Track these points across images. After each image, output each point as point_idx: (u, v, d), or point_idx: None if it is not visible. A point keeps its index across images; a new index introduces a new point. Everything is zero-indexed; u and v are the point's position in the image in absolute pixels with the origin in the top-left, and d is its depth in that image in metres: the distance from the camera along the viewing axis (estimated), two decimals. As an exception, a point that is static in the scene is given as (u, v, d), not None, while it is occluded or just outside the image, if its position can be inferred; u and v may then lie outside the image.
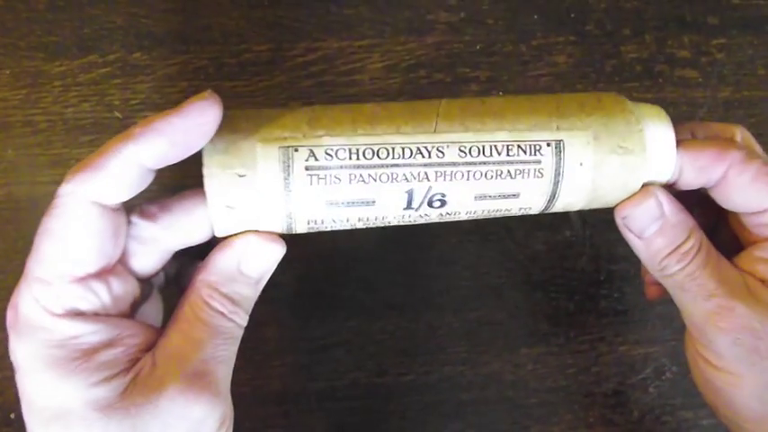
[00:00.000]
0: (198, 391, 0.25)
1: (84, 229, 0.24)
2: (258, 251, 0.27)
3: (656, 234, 0.28)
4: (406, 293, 0.40)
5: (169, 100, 0.40)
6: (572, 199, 0.27)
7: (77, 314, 0.25)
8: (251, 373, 0.40)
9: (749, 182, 0.28)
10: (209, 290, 0.27)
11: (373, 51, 0.41)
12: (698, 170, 0.28)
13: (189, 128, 0.24)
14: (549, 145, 0.26)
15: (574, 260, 0.41)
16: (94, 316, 0.25)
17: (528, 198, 0.27)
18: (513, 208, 0.27)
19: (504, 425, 0.40)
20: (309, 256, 0.40)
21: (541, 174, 0.26)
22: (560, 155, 0.26)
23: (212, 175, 0.25)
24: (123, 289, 0.26)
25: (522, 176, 0.26)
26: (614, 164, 0.27)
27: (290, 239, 0.37)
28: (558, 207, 0.28)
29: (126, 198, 0.25)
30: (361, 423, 0.40)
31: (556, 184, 0.26)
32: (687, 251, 0.28)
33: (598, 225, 0.41)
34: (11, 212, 0.39)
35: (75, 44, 0.40)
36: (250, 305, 0.28)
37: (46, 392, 0.25)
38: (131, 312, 0.28)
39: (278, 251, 0.28)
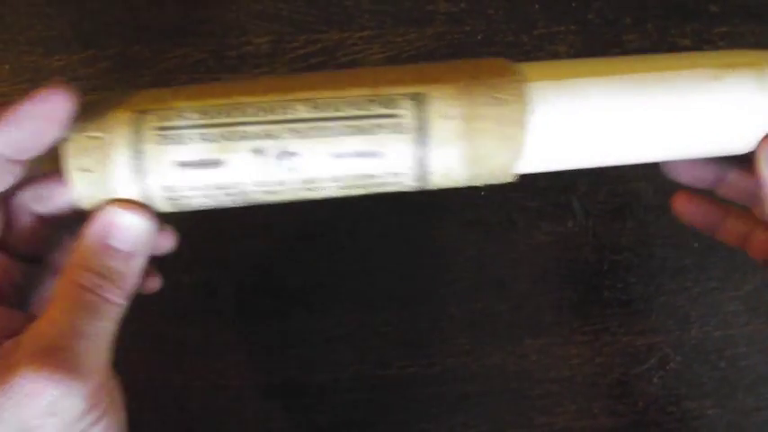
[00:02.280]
0: (51, 369, 0.24)
1: None
2: (121, 222, 0.26)
3: None
4: (408, 285, 0.40)
5: (169, 93, 0.40)
6: (447, 160, 0.25)
7: None
8: (254, 366, 0.40)
9: None
10: (76, 266, 0.26)
11: (374, 42, 0.40)
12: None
13: (37, 115, 0.24)
14: (409, 98, 0.24)
15: (577, 251, 0.41)
16: None
17: (393, 159, 0.25)
18: (381, 173, 0.25)
19: (508, 416, 0.40)
20: (312, 248, 0.40)
21: (402, 128, 0.24)
22: (422, 107, 0.24)
23: (68, 138, 0.25)
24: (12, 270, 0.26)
25: (380, 132, 0.24)
26: (489, 116, 0.24)
27: (295, 233, 0.37)
28: (437, 173, 0.25)
29: None
30: (364, 416, 0.40)
31: (421, 140, 0.24)
32: None
33: (601, 215, 0.41)
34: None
35: (74, 38, 0.40)
36: (126, 281, 0.27)
37: None
38: (16, 300, 0.27)
39: (140, 221, 0.26)
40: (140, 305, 0.40)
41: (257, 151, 0.25)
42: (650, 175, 0.41)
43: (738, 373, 0.41)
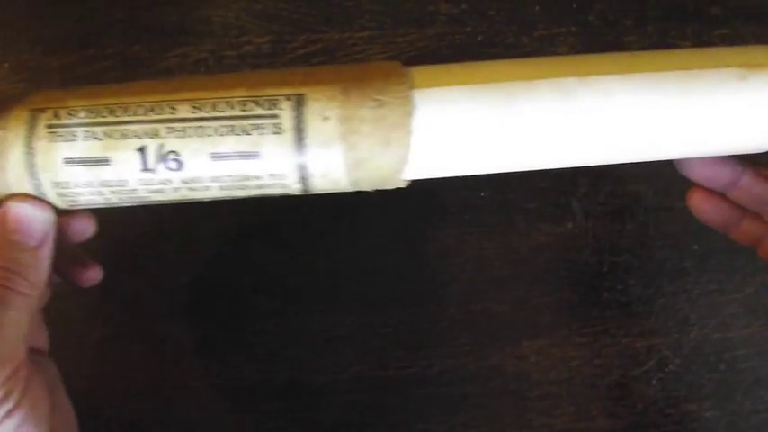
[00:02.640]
0: None
1: None
2: (21, 215, 0.27)
3: None
4: (407, 286, 0.40)
5: (169, 93, 0.40)
6: (326, 163, 0.25)
7: None
8: (253, 367, 0.40)
9: None
10: None
11: (374, 43, 0.40)
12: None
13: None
14: (288, 98, 0.24)
15: (576, 252, 0.41)
16: None
17: (272, 161, 0.25)
18: (261, 174, 0.25)
19: (507, 417, 0.40)
20: (311, 248, 0.40)
21: (280, 129, 0.24)
22: (301, 109, 0.24)
23: None
24: None
25: (259, 132, 0.24)
26: (368, 118, 0.24)
27: (294, 233, 0.37)
28: (317, 176, 0.25)
29: None
30: (363, 417, 0.40)
31: (299, 142, 0.24)
32: None
33: (601, 217, 0.41)
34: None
35: (74, 37, 0.40)
36: (35, 273, 0.27)
37: None
38: None
39: (39, 213, 0.27)
40: (139, 305, 0.40)
41: (140, 150, 0.25)
42: (650, 176, 0.41)
43: (737, 375, 0.41)
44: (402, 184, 0.26)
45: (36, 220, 0.27)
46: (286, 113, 0.24)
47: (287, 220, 0.40)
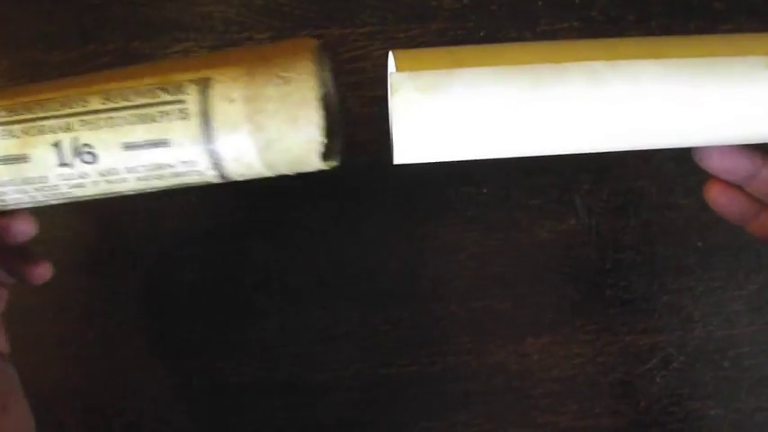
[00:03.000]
0: None
1: None
2: None
3: None
4: (409, 283, 0.40)
5: (169, 89, 0.39)
6: (236, 146, 0.24)
7: None
8: (254, 365, 0.39)
9: None
10: None
11: (375, 39, 0.40)
12: None
13: None
14: (193, 82, 0.24)
15: (579, 249, 0.40)
16: None
17: (182, 147, 0.24)
18: (174, 162, 0.24)
19: (510, 415, 0.40)
20: (312, 246, 0.40)
21: (186, 114, 0.23)
22: (206, 92, 0.23)
23: None
24: None
25: (167, 119, 0.24)
26: (273, 96, 0.23)
27: (295, 231, 0.36)
28: (229, 160, 0.24)
29: None
30: (364, 414, 0.39)
31: (206, 125, 0.23)
32: None
33: (604, 213, 0.40)
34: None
35: (74, 33, 0.40)
36: None
37: None
38: None
39: None
40: (139, 304, 0.40)
41: (55, 145, 0.25)
42: (654, 173, 0.40)
43: (742, 373, 0.41)
44: (323, 166, 0.25)
45: None
46: (192, 98, 0.24)
47: (287, 219, 0.40)
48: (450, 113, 0.25)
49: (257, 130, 0.24)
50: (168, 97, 0.24)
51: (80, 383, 0.39)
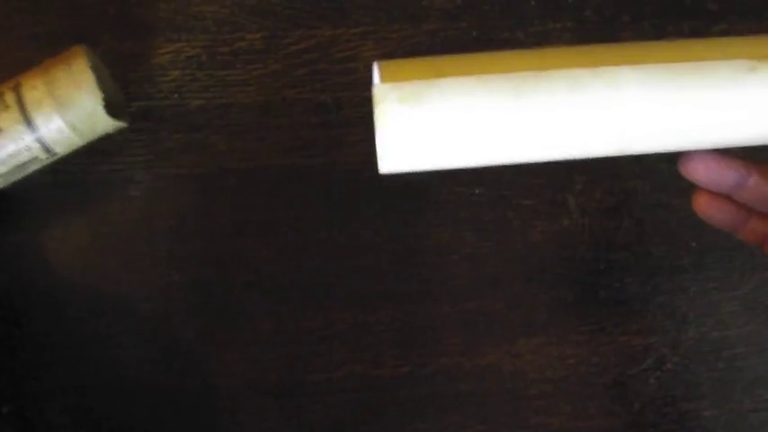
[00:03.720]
0: None
1: None
2: None
3: None
4: (402, 284, 0.40)
5: (160, 90, 0.39)
6: (46, 115, 0.34)
7: None
8: (246, 366, 0.39)
9: None
10: None
11: (368, 39, 0.40)
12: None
13: None
14: (9, 88, 0.34)
15: (572, 249, 0.40)
16: None
17: (9, 130, 0.33)
18: (8, 144, 0.34)
19: (503, 416, 0.40)
20: (305, 247, 0.40)
21: (7, 106, 0.33)
22: (18, 89, 0.34)
23: None
24: None
25: None
26: (62, 77, 0.34)
27: (287, 231, 0.36)
28: (43, 127, 0.34)
29: None
30: (357, 415, 0.39)
31: (23, 110, 0.33)
32: None
33: (597, 214, 0.40)
34: (2, 204, 0.39)
35: (66, 33, 0.40)
36: None
37: None
38: None
39: None
40: (132, 304, 0.40)
41: None
42: (647, 173, 0.40)
43: (736, 373, 0.41)
44: (114, 123, 0.35)
45: None
46: (9, 95, 0.33)
47: (280, 219, 0.40)
48: (434, 123, 0.25)
49: (56, 99, 0.34)
50: None
51: (73, 383, 0.39)
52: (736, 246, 0.40)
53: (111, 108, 0.35)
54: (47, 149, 0.35)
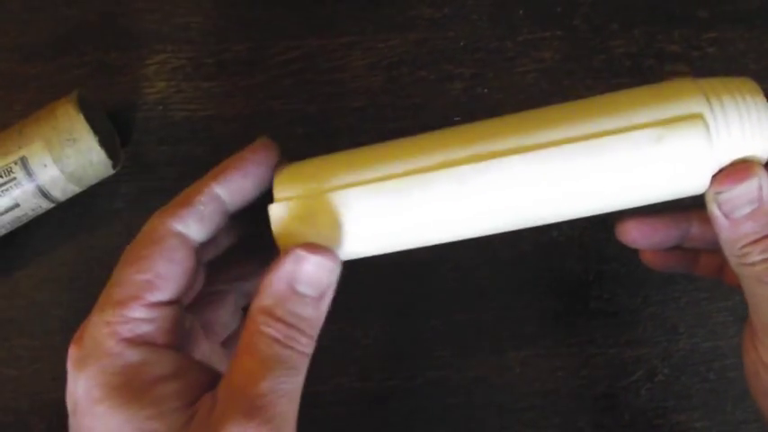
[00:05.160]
0: (255, 428, 0.23)
1: (167, 256, 0.26)
2: (308, 266, 0.26)
3: (746, 217, 0.26)
4: (389, 296, 0.39)
5: (146, 101, 0.39)
6: (61, 188, 0.36)
7: (145, 341, 0.25)
8: (233, 379, 0.39)
9: None
10: (263, 315, 0.25)
11: (354, 49, 0.40)
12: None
13: (258, 160, 0.28)
14: (16, 163, 0.34)
15: (562, 260, 0.40)
16: (160, 346, 0.26)
17: (28, 203, 0.35)
18: (28, 212, 0.36)
19: (492, 430, 0.39)
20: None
21: (21, 184, 0.35)
22: (27, 166, 0.34)
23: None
24: (190, 323, 0.28)
25: (10, 191, 0.35)
26: (70, 153, 0.35)
27: (273, 245, 0.36)
28: (59, 196, 0.36)
29: (206, 235, 0.27)
30: (344, 429, 0.39)
31: (37, 186, 0.35)
32: None
33: (586, 225, 0.40)
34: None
35: (50, 45, 0.39)
36: (313, 328, 0.26)
37: (102, 424, 0.24)
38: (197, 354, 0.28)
39: (327, 263, 0.26)
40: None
41: None
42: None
43: (727, 385, 0.40)
44: (110, 173, 0.37)
45: (324, 270, 0.26)
46: (20, 174, 0.35)
47: (266, 232, 0.39)
48: (330, 231, 0.27)
49: (69, 175, 0.35)
50: (6, 178, 0.35)
51: (57, 398, 0.39)
52: (726, 256, 0.40)
53: (112, 153, 0.36)
54: (56, 203, 0.37)
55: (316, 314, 0.26)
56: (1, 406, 0.38)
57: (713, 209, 0.26)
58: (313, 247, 0.26)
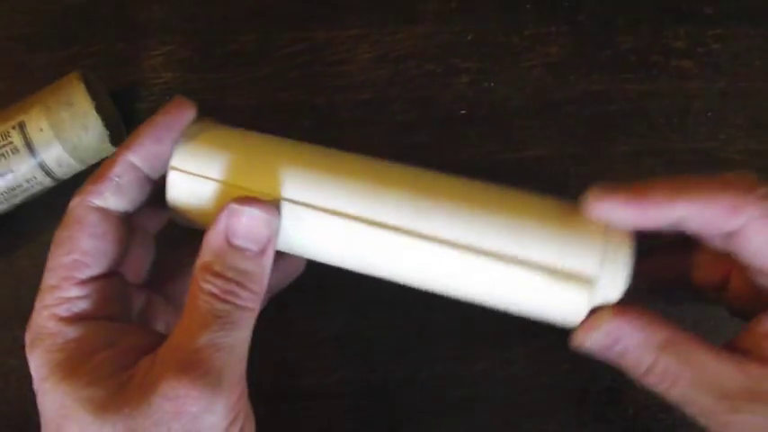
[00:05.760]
0: (189, 384, 0.23)
1: (89, 232, 0.26)
2: (244, 219, 0.25)
3: (617, 358, 0.27)
4: (394, 289, 0.39)
5: (153, 92, 0.39)
6: (56, 156, 0.35)
7: (81, 317, 0.26)
8: (237, 371, 0.39)
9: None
10: (201, 272, 0.25)
11: (362, 41, 0.40)
12: (706, 222, 0.25)
13: (170, 123, 0.27)
14: (14, 128, 0.34)
15: (567, 254, 0.40)
16: (96, 319, 0.26)
17: (22, 171, 0.35)
18: (21, 182, 0.35)
19: (497, 423, 0.39)
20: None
21: (17, 150, 0.34)
22: (24, 130, 0.34)
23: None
24: (124, 293, 0.28)
25: (5, 156, 0.34)
26: (66, 117, 0.35)
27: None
28: (55, 166, 0.35)
29: (129, 205, 0.27)
30: (349, 422, 0.39)
31: (32, 152, 0.34)
32: (662, 372, 0.26)
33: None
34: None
35: (57, 35, 0.39)
36: (256, 283, 0.26)
37: (49, 400, 0.25)
38: (136, 317, 0.29)
39: (263, 215, 0.25)
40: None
41: None
42: (643, 178, 0.40)
43: (731, 380, 0.40)
44: (112, 150, 0.36)
45: (261, 222, 0.26)
46: (16, 137, 0.34)
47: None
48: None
49: (64, 141, 0.35)
50: (3, 142, 0.34)
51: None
52: (731, 251, 0.40)
53: (112, 130, 0.36)
54: (54, 179, 0.36)
55: (257, 268, 0.26)
56: (5, 396, 0.38)
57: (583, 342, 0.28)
58: (248, 200, 0.25)
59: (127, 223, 0.28)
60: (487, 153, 0.40)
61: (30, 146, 0.34)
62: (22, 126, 0.34)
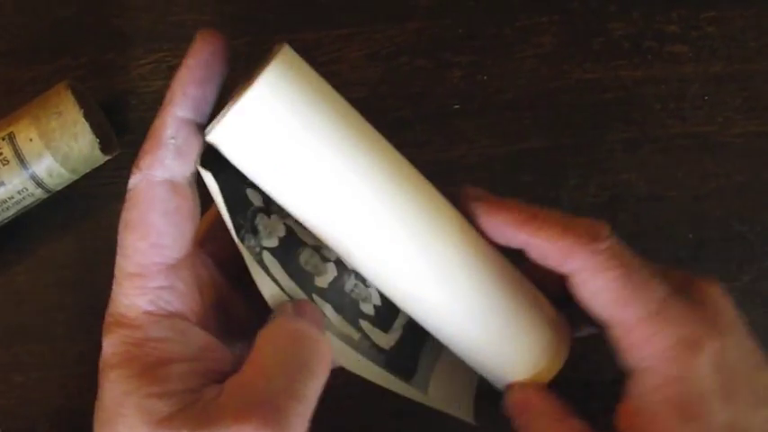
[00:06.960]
0: (258, 427, 0.22)
1: (161, 209, 0.24)
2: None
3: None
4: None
5: (143, 101, 0.39)
6: (47, 167, 0.34)
7: (164, 314, 0.24)
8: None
9: (600, 290, 0.27)
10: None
11: (352, 40, 0.39)
12: (543, 258, 0.28)
13: (205, 61, 0.25)
14: (3, 139, 0.34)
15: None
16: (180, 318, 0.24)
17: (13, 183, 0.34)
18: (13, 195, 0.35)
19: (499, 418, 0.39)
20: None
21: (7, 160, 0.34)
22: (14, 141, 0.34)
23: None
24: (204, 276, 0.26)
25: None
26: (55, 126, 0.34)
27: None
28: (46, 177, 0.35)
29: (190, 166, 0.25)
30: (354, 422, 0.39)
31: (23, 164, 0.34)
32: None
33: (591, 209, 0.40)
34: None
35: (45, 48, 0.39)
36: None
37: (110, 389, 0.24)
38: (238, 336, 0.27)
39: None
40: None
41: None
42: (641, 165, 0.40)
43: (738, 366, 0.40)
44: (107, 157, 0.36)
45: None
46: (6, 149, 0.34)
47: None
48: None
49: (55, 151, 0.34)
50: None
51: (63, 403, 0.39)
52: (733, 236, 0.40)
53: (103, 139, 0.35)
54: (46, 190, 0.36)
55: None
56: (9, 412, 0.38)
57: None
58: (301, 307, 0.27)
59: (195, 190, 0.25)
60: (483, 147, 0.39)
61: (20, 157, 0.34)
62: (11, 137, 0.34)
